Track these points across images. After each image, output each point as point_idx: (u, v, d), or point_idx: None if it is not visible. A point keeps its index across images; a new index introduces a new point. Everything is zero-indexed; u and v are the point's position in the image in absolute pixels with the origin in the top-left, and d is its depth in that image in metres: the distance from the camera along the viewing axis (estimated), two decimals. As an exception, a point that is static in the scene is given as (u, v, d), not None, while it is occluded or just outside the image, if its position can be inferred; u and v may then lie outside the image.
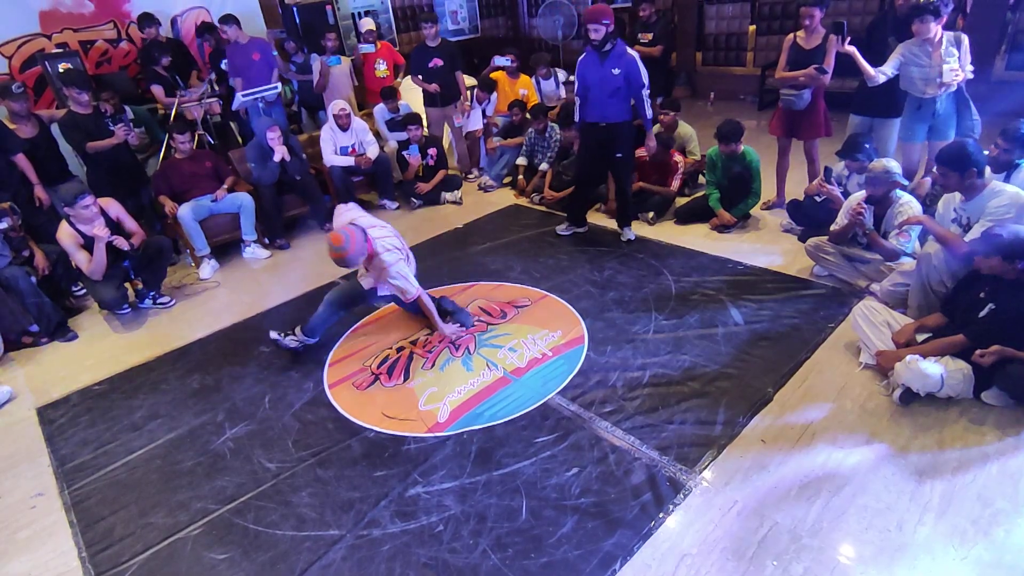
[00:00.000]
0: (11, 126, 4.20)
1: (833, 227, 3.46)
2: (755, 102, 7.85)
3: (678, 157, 4.74)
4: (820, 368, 2.88)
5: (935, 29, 3.56)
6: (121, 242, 3.78)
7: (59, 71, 5.12)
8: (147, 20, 5.68)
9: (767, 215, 4.58)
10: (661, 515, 2.21)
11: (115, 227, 3.85)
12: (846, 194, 3.65)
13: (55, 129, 4.51)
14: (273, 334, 3.37)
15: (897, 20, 4.07)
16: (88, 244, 3.71)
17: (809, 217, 3.97)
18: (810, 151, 4.37)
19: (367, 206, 5.67)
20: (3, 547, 2.42)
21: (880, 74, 3.72)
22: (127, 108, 5.12)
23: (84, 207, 3.59)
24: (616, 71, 3.79)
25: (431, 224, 5.15)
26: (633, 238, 4.37)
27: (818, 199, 3.92)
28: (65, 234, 3.67)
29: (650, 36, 5.64)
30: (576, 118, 4.14)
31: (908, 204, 3.19)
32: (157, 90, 5.32)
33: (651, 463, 2.44)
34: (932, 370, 2.44)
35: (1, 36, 5.56)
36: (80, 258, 3.69)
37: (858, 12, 6.98)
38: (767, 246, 4.12)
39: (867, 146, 3.62)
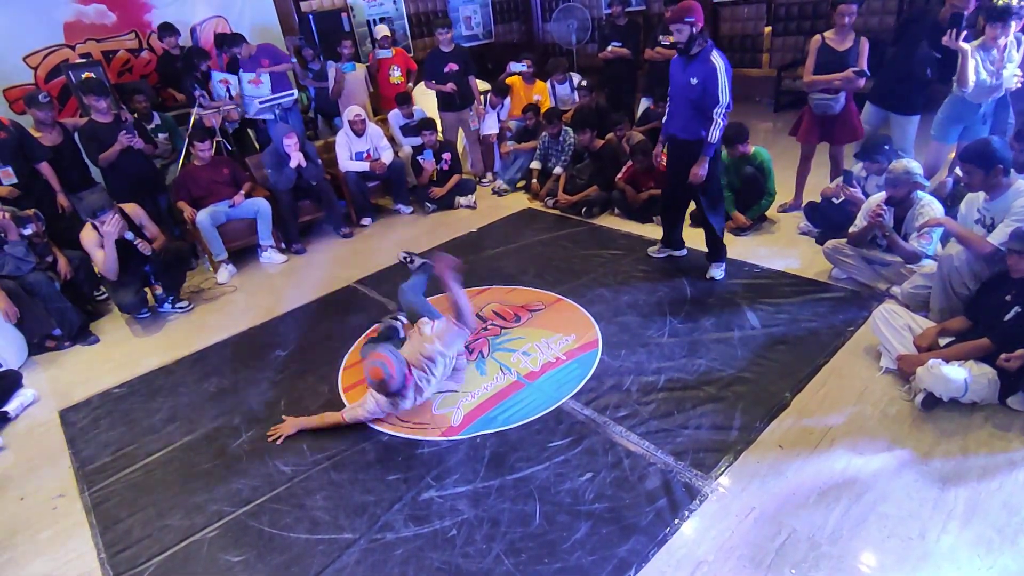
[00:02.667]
0: (36, 134, 4.30)
1: (852, 229, 3.41)
2: (771, 104, 7.78)
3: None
4: (839, 372, 2.83)
5: (1011, 33, 3.44)
6: (144, 246, 3.84)
7: (80, 79, 5.23)
8: (167, 30, 5.78)
9: (783, 217, 4.53)
10: (676, 521, 2.18)
11: (138, 232, 3.92)
12: (865, 196, 3.59)
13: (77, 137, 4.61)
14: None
15: (936, 24, 3.90)
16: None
17: (827, 219, 3.91)
18: (837, 154, 4.30)
19: (382, 211, 5.72)
20: (25, 547, 2.46)
21: (973, 81, 3.52)
22: (156, 114, 5.23)
23: (104, 221, 3.68)
24: (694, 80, 3.27)
25: (445, 228, 5.17)
26: (720, 277, 3.74)
27: (836, 201, 3.86)
28: (88, 235, 3.76)
29: (672, 38, 5.60)
30: (664, 125, 3.74)
31: (929, 205, 3.13)
32: (199, 94, 5.40)
33: (666, 468, 2.41)
34: (956, 375, 2.39)
35: (27, 47, 5.71)
36: (97, 257, 3.78)
37: (877, 12, 6.89)
38: (784, 248, 4.07)
39: (887, 147, 3.56)
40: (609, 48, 5.94)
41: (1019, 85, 3.52)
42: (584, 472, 2.45)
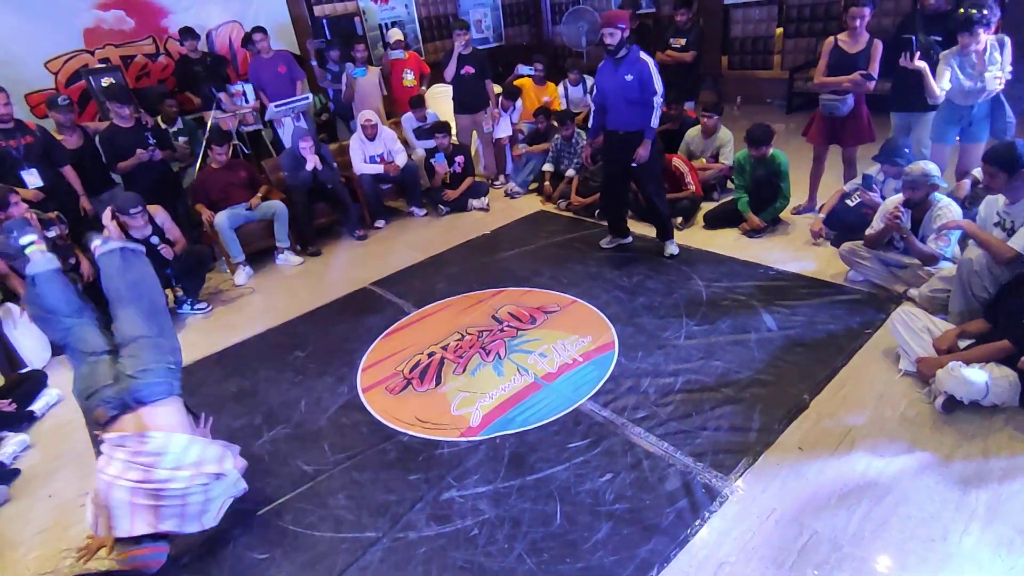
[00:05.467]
0: (58, 137, 4.38)
1: (869, 231, 3.41)
2: (783, 106, 7.77)
3: (677, 161, 4.76)
4: (858, 375, 2.84)
5: (984, 39, 3.49)
6: (167, 251, 3.91)
7: (102, 86, 5.32)
8: (188, 33, 5.86)
9: (798, 220, 4.52)
10: (697, 522, 2.19)
11: (160, 236, 3.99)
12: (882, 199, 3.59)
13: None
14: None
15: (925, 18, 4.00)
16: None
17: (842, 222, 3.91)
18: (850, 157, 4.30)
19: (395, 213, 5.77)
20: (54, 544, 2.51)
21: (941, 91, 3.64)
22: (179, 118, 5.31)
23: (134, 216, 3.74)
24: (629, 77, 3.70)
25: (459, 231, 5.20)
26: (676, 252, 4.18)
27: (851, 203, 3.87)
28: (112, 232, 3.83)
29: (683, 41, 5.63)
30: (591, 124, 4.06)
31: (947, 208, 3.13)
32: (223, 95, 5.47)
33: (685, 470, 2.43)
34: (976, 377, 2.39)
35: (48, 53, 5.81)
36: None
37: (889, 13, 6.86)
38: (799, 251, 4.07)
39: (906, 150, 3.56)
40: (621, 51, 5.95)
41: (1001, 87, 3.54)
42: (604, 473, 2.47)
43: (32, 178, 4.06)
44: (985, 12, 3.45)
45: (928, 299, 3.14)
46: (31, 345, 3.68)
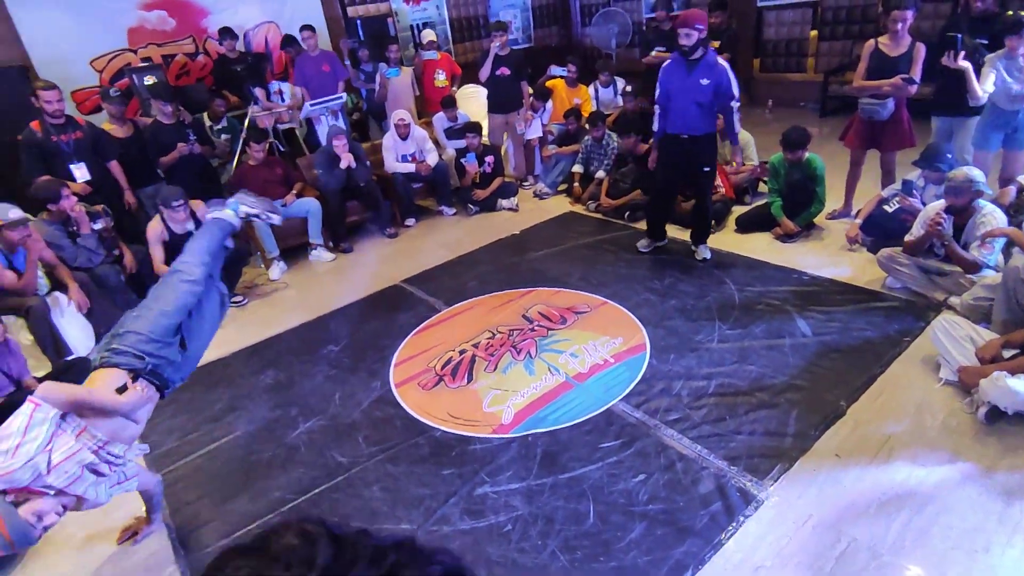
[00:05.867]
0: (110, 127, 4.54)
1: (909, 237, 3.35)
2: (815, 109, 7.66)
3: None
4: (896, 383, 2.80)
5: None
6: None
7: (146, 84, 5.47)
8: (227, 34, 6.00)
9: (832, 225, 4.46)
10: (732, 526, 2.19)
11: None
12: (923, 205, 3.53)
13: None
14: None
15: (971, 20, 3.93)
16: (171, 240, 3.96)
17: (880, 228, 3.85)
18: (889, 162, 4.23)
19: (425, 212, 5.83)
20: (101, 524, 2.59)
21: (984, 93, 3.58)
22: (226, 116, 5.45)
23: (176, 209, 3.85)
24: (705, 81, 3.61)
25: (488, 230, 5.24)
26: (708, 257, 4.13)
27: (889, 209, 3.81)
28: (154, 228, 3.95)
29: (716, 44, 5.59)
30: (655, 128, 3.95)
31: (991, 215, 3.07)
32: (260, 93, 5.58)
33: (720, 473, 2.42)
34: (1021, 387, 2.34)
35: (94, 51, 6.00)
36: (156, 253, 3.94)
37: (929, 16, 6.73)
38: (833, 256, 4.02)
39: (948, 155, 3.50)
40: (653, 53, 5.94)
41: None
42: (637, 474, 2.47)
43: (80, 172, 4.20)
44: None
45: (970, 308, 3.08)
46: (76, 333, 3.81)
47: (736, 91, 3.67)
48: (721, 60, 3.64)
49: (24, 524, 1.80)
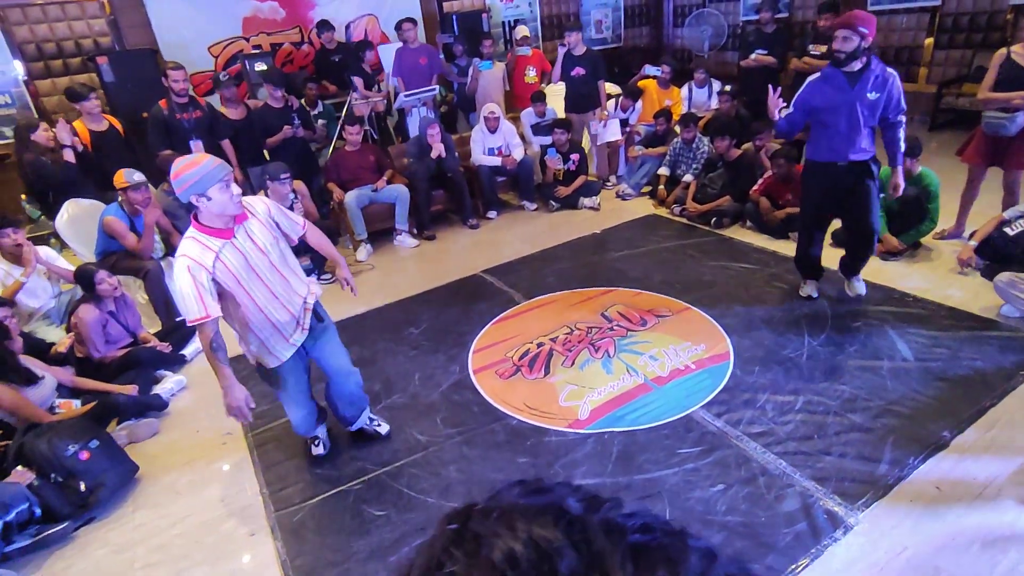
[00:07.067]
0: (223, 110, 4.87)
1: None
2: (925, 121, 7.15)
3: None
4: (1010, 418, 2.58)
5: None
6: (298, 213, 4.21)
7: (257, 70, 5.84)
8: (324, 26, 6.30)
9: (941, 245, 4.17)
10: (817, 548, 2.10)
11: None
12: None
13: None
14: None
15: None
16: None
17: (998, 252, 3.55)
18: (1012, 182, 3.91)
19: (508, 205, 5.90)
20: (202, 473, 2.82)
21: None
22: (320, 102, 5.74)
23: (283, 182, 4.09)
24: (873, 95, 3.03)
25: (569, 227, 5.24)
26: (864, 293, 3.55)
27: (1011, 232, 3.51)
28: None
29: (824, 48, 5.35)
30: (785, 128, 3.31)
31: None
32: (359, 81, 5.84)
33: (805, 492, 2.33)
34: None
35: (212, 38, 6.46)
36: None
37: (1068, 25, 6.12)
38: (942, 279, 3.75)
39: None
40: (753, 56, 5.75)
41: None
42: (715, 483, 2.42)
43: (197, 148, 4.53)
44: None
45: (1101, 345, 2.80)
46: (185, 298, 4.12)
47: (904, 102, 3.13)
48: (888, 69, 3.07)
49: None
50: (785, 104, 3.30)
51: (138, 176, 3.86)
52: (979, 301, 3.44)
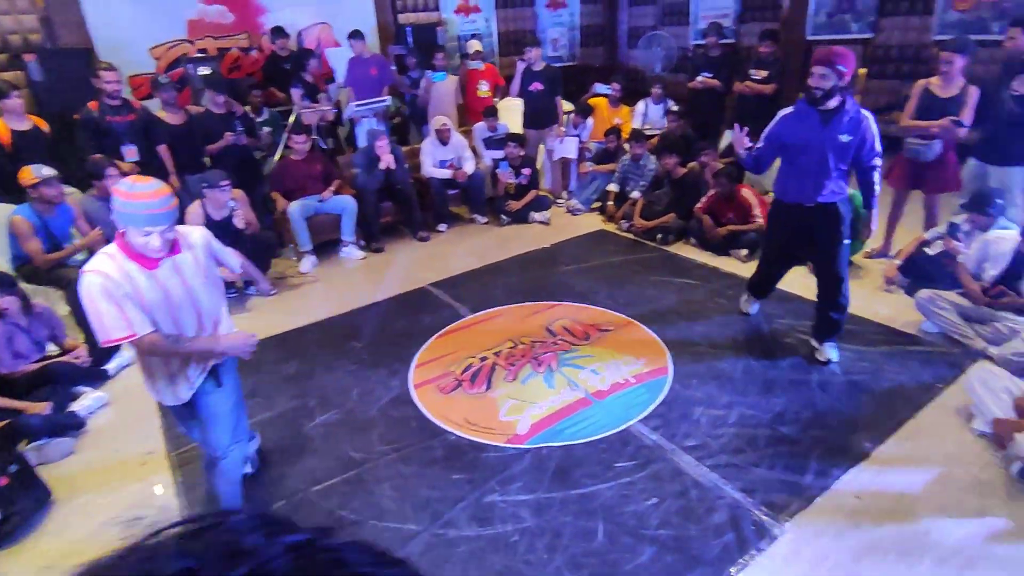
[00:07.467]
0: (163, 114, 4.70)
1: (965, 279, 3.25)
2: (860, 147, 7.52)
3: (746, 192, 4.65)
4: (926, 430, 2.70)
5: None
6: (240, 220, 4.07)
7: (200, 74, 5.67)
8: (278, 32, 6.18)
9: (870, 264, 4.36)
10: (744, 559, 2.13)
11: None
12: (966, 250, 3.43)
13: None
14: None
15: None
16: (208, 226, 4.05)
17: (920, 270, 3.75)
18: (932, 205, 4.14)
19: (458, 219, 5.88)
20: (117, 495, 2.65)
21: None
22: (265, 109, 5.60)
23: (223, 189, 3.95)
24: (846, 138, 2.85)
25: (519, 242, 5.25)
26: (836, 360, 3.22)
27: (931, 252, 3.71)
28: (193, 212, 4.04)
29: (764, 73, 5.56)
30: (752, 155, 3.13)
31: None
32: (296, 93, 5.72)
33: (735, 504, 2.36)
34: (1061, 446, 2.24)
35: (154, 39, 6.24)
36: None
37: (984, 61, 6.58)
38: (869, 296, 3.92)
39: (999, 201, 3.40)
40: (700, 78, 5.93)
41: None
42: (649, 497, 2.43)
43: (131, 153, 4.36)
44: None
45: (1007, 362, 2.97)
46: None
47: (879, 146, 2.95)
48: (864, 111, 2.88)
49: None
50: (751, 143, 3.15)
51: (47, 170, 3.67)
52: (902, 317, 3.60)
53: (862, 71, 7.71)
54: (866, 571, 2.06)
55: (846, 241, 3.11)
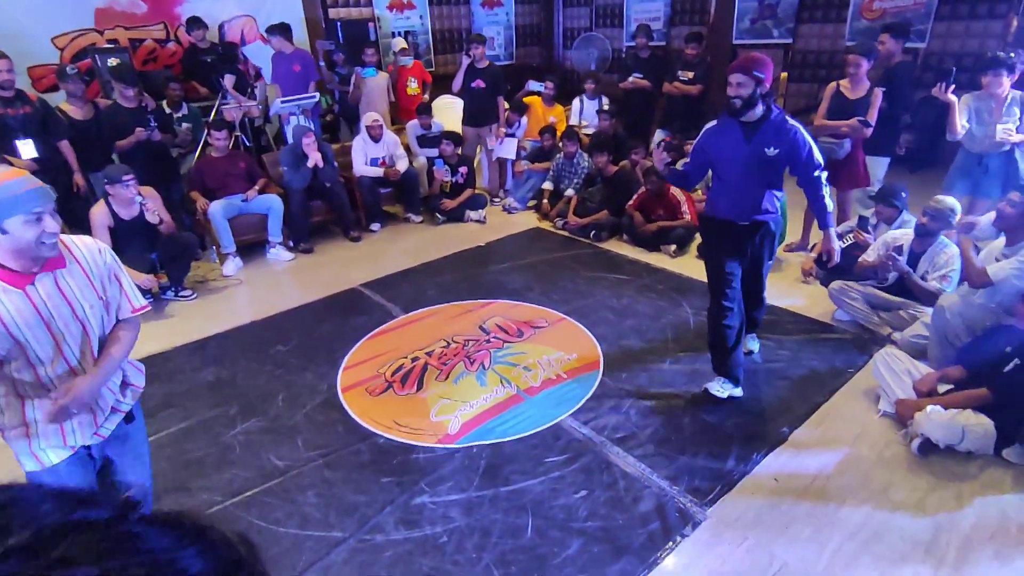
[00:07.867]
0: (68, 107, 4.37)
1: (863, 258, 3.46)
2: (781, 146, 7.89)
3: (675, 190, 4.80)
4: (837, 412, 2.85)
5: (1006, 85, 3.58)
6: (154, 216, 3.81)
7: (108, 65, 5.31)
8: (196, 23, 5.87)
9: (790, 257, 4.58)
10: (669, 545, 2.18)
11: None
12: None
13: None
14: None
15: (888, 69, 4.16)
16: (117, 227, 3.81)
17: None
18: (843, 201, 4.37)
19: (391, 218, 5.77)
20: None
21: (961, 128, 3.70)
22: (185, 104, 5.29)
23: (126, 184, 3.69)
24: (772, 151, 2.64)
25: (454, 240, 5.20)
26: (757, 350, 3.33)
27: (842, 244, 3.91)
28: (98, 212, 3.77)
29: (691, 75, 5.74)
30: (680, 171, 2.98)
31: (955, 257, 3.19)
32: (229, 80, 5.42)
33: (661, 492, 2.41)
34: (952, 422, 2.41)
35: (57, 28, 5.79)
36: (101, 238, 3.78)
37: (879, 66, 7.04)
38: (789, 288, 4.11)
39: (903, 194, 3.64)
40: (630, 79, 6.06)
41: (1010, 138, 3.60)
42: (579, 489, 2.44)
43: (27, 148, 4.02)
44: (1013, 55, 3.53)
45: (909, 344, 3.18)
46: None
47: (822, 158, 2.78)
48: (792, 120, 2.68)
49: None
50: (669, 160, 2.99)
51: None
52: (818, 307, 3.79)
53: (783, 75, 8.11)
54: (781, 551, 2.14)
55: (769, 262, 3.04)
